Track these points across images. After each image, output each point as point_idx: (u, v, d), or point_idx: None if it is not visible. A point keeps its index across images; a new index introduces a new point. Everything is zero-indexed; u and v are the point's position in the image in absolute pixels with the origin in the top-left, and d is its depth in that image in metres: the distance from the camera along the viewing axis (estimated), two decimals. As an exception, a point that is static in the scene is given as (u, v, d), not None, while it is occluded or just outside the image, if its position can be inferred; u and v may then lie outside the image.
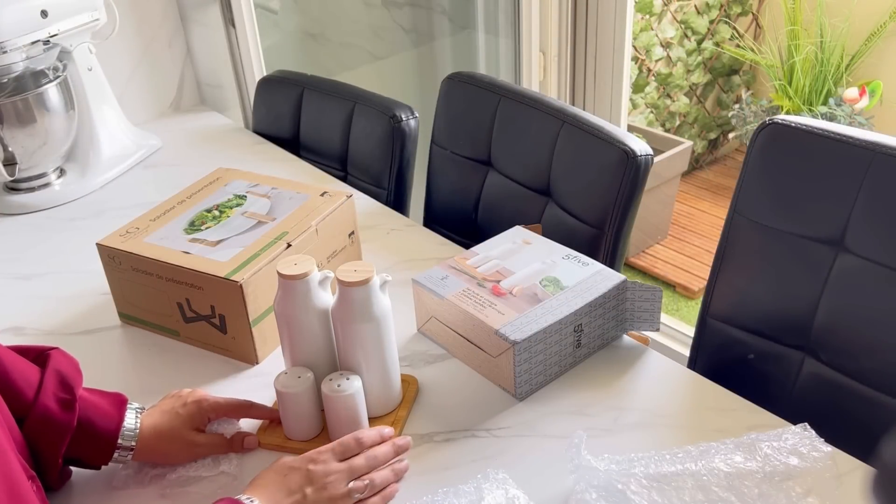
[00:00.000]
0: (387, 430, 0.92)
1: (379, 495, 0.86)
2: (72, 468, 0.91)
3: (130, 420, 0.89)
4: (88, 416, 0.87)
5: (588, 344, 1.04)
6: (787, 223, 1.07)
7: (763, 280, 1.11)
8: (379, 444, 0.89)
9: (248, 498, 0.80)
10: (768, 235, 1.09)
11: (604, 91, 2.26)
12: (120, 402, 0.90)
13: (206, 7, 1.84)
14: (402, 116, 1.51)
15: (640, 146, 1.22)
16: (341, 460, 0.86)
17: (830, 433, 0.86)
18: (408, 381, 1.02)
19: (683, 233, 3.09)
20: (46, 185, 1.60)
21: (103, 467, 0.90)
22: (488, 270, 1.08)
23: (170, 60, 1.92)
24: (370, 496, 0.85)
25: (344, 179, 1.62)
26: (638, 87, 3.09)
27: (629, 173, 1.21)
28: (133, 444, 0.89)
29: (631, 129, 2.99)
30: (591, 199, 1.27)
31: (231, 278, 1.03)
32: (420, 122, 1.53)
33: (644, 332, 1.11)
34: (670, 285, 2.84)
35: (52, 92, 1.52)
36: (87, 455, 0.88)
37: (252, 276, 1.04)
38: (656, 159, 2.42)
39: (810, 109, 2.99)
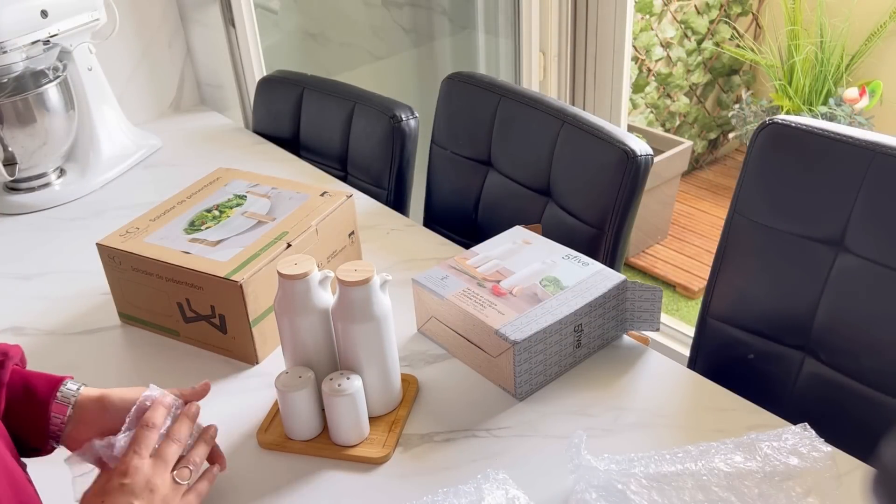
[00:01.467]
0: (168, 398, 0.83)
1: (204, 478, 0.82)
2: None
3: (71, 386, 0.83)
4: (24, 377, 0.82)
5: (588, 344, 1.04)
6: (787, 223, 1.07)
7: (763, 280, 1.11)
8: (166, 417, 0.81)
9: None
10: (768, 235, 1.09)
11: (604, 91, 2.26)
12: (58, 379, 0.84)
13: (206, 7, 1.84)
14: (402, 116, 1.51)
15: (640, 146, 1.22)
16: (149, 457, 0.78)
17: (830, 433, 0.86)
18: (408, 381, 1.02)
19: (683, 233, 3.09)
20: (46, 185, 1.60)
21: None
22: (488, 270, 1.08)
23: (170, 60, 1.92)
24: (197, 481, 0.81)
25: (344, 179, 1.62)
26: (638, 87, 3.09)
27: (629, 173, 1.21)
28: (70, 403, 0.82)
29: (631, 129, 2.99)
30: (591, 199, 1.27)
31: (231, 278, 1.03)
32: (420, 122, 1.53)
33: (644, 332, 1.11)
34: (670, 285, 2.84)
35: (52, 92, 1.52)
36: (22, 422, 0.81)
37: (252, 276, 1.04)
38: (656, 159, 2.42)
39: (810, 109, 2.99)
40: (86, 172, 1.63)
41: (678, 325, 2.29)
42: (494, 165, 1.45)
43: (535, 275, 1.06)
